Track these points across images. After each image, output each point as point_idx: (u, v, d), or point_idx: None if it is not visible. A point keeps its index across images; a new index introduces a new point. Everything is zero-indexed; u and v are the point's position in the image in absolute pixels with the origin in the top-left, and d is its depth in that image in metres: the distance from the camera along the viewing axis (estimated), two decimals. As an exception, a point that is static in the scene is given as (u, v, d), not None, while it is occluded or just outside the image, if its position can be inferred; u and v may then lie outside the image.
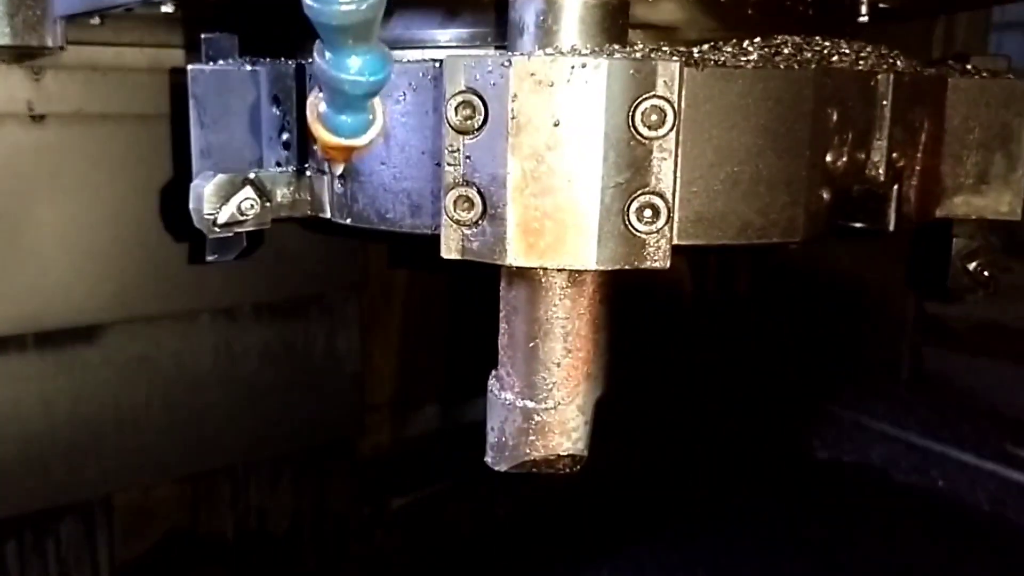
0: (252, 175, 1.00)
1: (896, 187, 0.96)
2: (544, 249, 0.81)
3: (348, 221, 0.99)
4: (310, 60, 0.89)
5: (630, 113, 0.79)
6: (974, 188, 1.11)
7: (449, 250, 0.84)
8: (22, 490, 1.68)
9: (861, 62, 0.97)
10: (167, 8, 1.19)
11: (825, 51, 0.96)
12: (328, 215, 1.02)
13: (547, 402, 0.87)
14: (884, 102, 0.96)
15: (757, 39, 0.96)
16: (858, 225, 0.98)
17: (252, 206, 0.99)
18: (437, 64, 0.87)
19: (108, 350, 1.76)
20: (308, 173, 1.04)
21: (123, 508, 1.82)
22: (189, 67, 1.22)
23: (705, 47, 0.94)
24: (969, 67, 1.11)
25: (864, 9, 1.12)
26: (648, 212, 0.81)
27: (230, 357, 1.90)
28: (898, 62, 1.01)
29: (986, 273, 1.19)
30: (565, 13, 0.83)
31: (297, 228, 1.87)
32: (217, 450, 1.90)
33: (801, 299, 2.44)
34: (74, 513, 1.77)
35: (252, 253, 1.25)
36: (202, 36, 1.23)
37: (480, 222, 0.82)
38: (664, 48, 0.91)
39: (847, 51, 0.98)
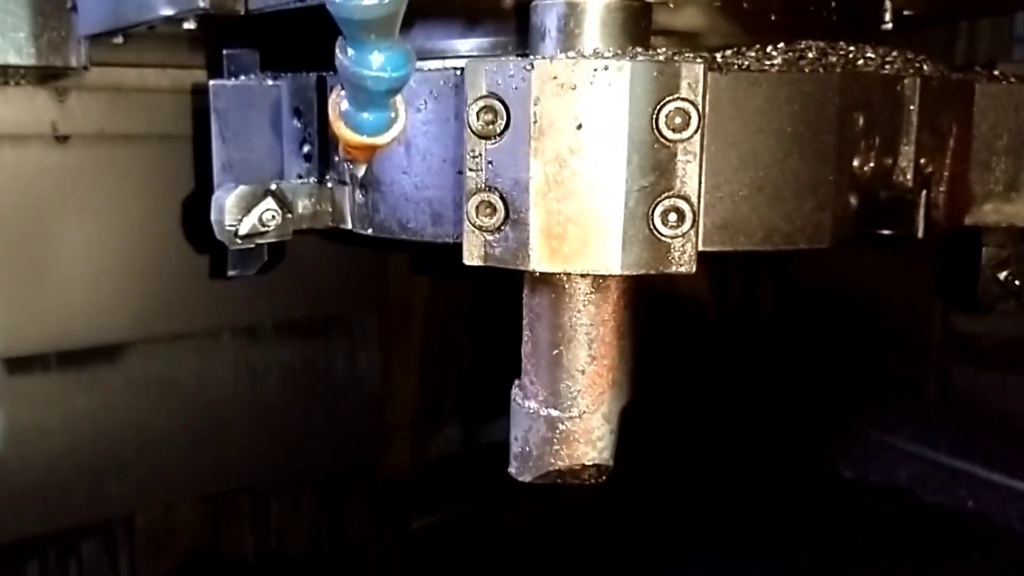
0: (273, 186, 1.00)
1: (924, 193, 0.94)
2: (568, 254, 0.80)
3: (369, 231, 0.98)
4: (331, 72, 0.88)
5: (654, 115, 0.79)
6: (1004, 195, 1.09)
7: (471, 256, 0.84)
8: (44, 510, 1.68)
9: (887, 66, 0.96)
10: (189, 25, 1.19)
11: (850, 55, 0.95)
12: (349, 226, 1.02)
13: (572, 410, 0.86)
14: (911, 106, 0.95)
15: (781, 44, 0.95)
16: (886, 232, 0.96)
17: (273, 217, 0.99)
18: (459, 72, 0.87)
19: (130, 369, 1.76)
20: (329, 184, 1.03)
21: (144, 528, 1.82)
22: (211, 82, 1.22)
23: (728, 52, 0.93)
24: (996, 73, 1.10)
25: (888, 16, 1.10)
26: (673, 216, 0.80)
27: (251, 376, 1.89)
28: (925, 66, 1.00)
29: (1017, 282, 1.17)
30: (587, 16, 0.83)
31: (317, 246, 1.88)
32: (238, 470, 1.90)
33: (825, 316, 2.41)
34: (96, 533, 1.76)
35: (273, 268, 1.25)
36: (224, 52, 1.24)
37: (503, 228, 0.82)
38: (687, 54, 0.90)
39: (872, 56, 0.97)
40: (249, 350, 1.89)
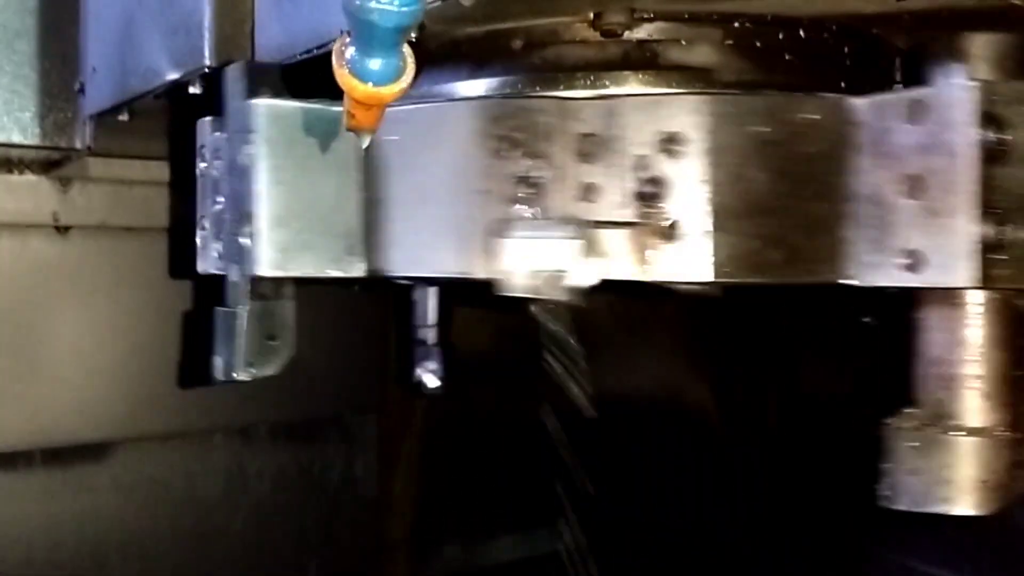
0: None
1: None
2: None
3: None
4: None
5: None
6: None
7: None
8: (18, 619, 1.59)
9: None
10: (195, 89, 1.19)
11: (864, 95, 0.94)
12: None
13: None
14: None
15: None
16: None
17: (274, 257, 0.95)
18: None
19: (117, 470, 1.70)
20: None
21: (123, 643, 1.71)
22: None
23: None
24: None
25: (899, 76, 1.10)
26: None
27: (243, 480, 1.83)
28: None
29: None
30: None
31: (315, 345, 1.83)
32: (226, 581, 1.80)
33: (835, 433, 2.35)
34: (70, 647, 1.66)
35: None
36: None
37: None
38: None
39: (885, 96, 0.96)
40: (242, 453, 1.83)
